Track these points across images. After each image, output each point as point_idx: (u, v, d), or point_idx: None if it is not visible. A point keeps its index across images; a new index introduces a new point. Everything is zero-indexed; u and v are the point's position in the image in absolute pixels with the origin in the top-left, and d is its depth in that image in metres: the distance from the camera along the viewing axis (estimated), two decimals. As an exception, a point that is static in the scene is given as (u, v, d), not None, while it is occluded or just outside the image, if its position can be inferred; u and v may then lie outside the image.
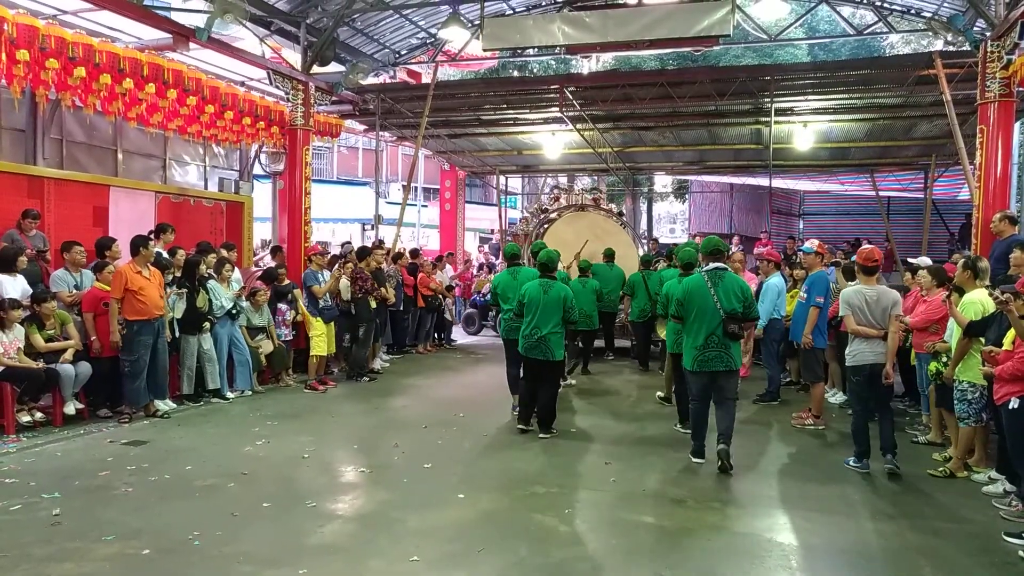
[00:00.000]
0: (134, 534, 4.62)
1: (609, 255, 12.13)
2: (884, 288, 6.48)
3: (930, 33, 11.47)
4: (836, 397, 9.10)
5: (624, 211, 16.87)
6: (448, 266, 15.17)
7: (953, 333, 6.36)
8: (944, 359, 6.54)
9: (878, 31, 13.32)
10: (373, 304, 10.52)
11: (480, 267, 18.77)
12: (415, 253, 12.60)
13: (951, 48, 11.17)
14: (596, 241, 12.39)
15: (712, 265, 6.50)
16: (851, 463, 6.39)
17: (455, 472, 6.08)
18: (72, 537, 4.56)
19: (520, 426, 7.47)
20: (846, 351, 6.49)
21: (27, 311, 7.34)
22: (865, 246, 6.93)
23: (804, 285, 8.16)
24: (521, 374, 7.77)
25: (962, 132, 10.47)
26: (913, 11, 12.10)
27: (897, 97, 12.65)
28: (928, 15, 11.83)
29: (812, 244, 8.39)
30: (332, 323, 10.19)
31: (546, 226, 14.05)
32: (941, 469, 6.21)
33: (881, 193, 17.85)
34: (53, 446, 6.67)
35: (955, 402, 6.19)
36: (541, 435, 7.30)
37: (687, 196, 25.20)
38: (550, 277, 7.47)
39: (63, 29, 8.76)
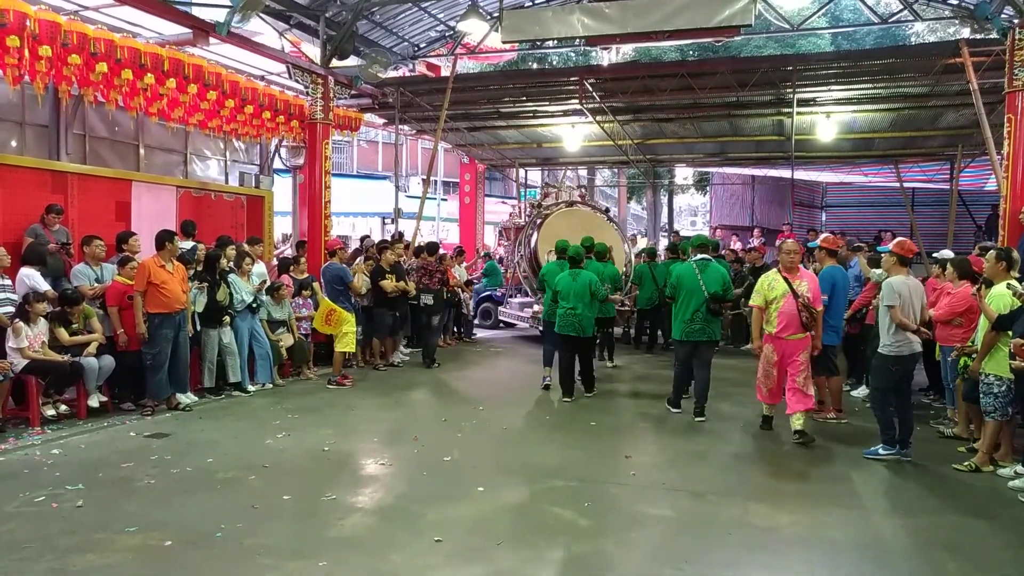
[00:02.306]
0: (156, 526, 4.65)
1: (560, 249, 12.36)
2: (916, 280, 6.58)
3: (956, 21, 11.28)
4: (859, 391, 8.99)
5: (644, 204, 16.89)
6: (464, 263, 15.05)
7: (980, 326, 6.26)
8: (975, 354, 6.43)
9: (903, 19, 13.11)
10: (444, 296, 11.38)
11: (500, 260, 18.70)
12: (433, 248, 12.53)
13: (978, 36, 10.98)
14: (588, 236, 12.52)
15: (699, 256, 7.95)
16: (880, 452, 6.38)
17: (474, 465, 6.08)
18: (95, 528, 4.61)
19: (566, 399, 8.62)
20: (889, 340, 6.33)
21: (50, 304, 7.41)
22: (900, 238, 7.01)
23: None
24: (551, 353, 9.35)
25: (989, 121, 10.29)
26: (939, -2, 11.91)
27: (923, 86, 12.46)
28: (955, 2, 11.63)
29: (819, 239, 8.26)
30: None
31: (540, 221, 14.10)
32: (967, 463, 6.12)
33: (906, 184, 17.60)
34: (77, 438, 6.74)
35: (981, 396, 6.10)
36: (587, 394, 8.80)
37: (708, 188, 25.03)
38: (578, 267, 8.76)
39: (85, 25, 8.82)
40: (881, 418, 6.44)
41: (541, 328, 13.02)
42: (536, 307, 14.20)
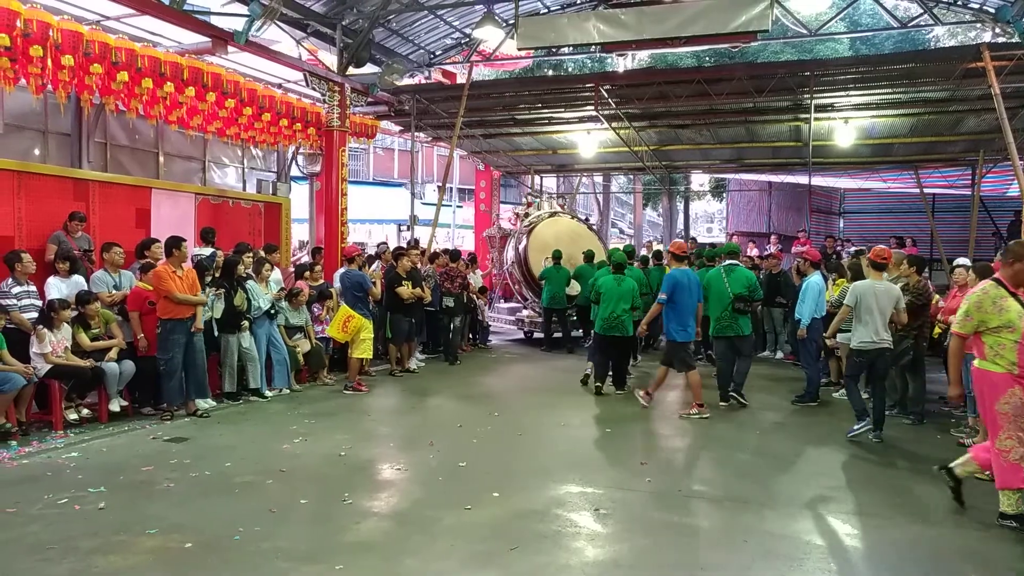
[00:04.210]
0: (176, 528, 4.70)
1: (589, 256, 13.45)
2: (890, 284, 7.31)
3: (978, 25, 11.19)
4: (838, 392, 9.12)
5: (660, 210, 16.94)
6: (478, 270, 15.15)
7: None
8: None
9: (923, 23, 13.02)
10: (464, 299, 12.03)
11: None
12: (455, 255, 12.80)
13: (1000, 40, 10.89)
14: (572, 244, 12.88)
15: (727, 262, 8.90)
16: (856, 428, 7.21)
17: (489, 471, 6.09)
18: (117, 530, 4.66)
19: (601, 390, 9.26)
20: (853, 336, 7.24)
21: (75, 311, 7.51)
22: (877, 246, 7.64)
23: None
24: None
25: (1012, 126, 10.20)
26: (960, 2, 11.81)
27: (943, 91, 12.35)
28: (975, 6, 11.55)
29: (665, 246, 8.70)
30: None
31: (529, 229, 14.52)
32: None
33: (926, 190, 17.44)
34: (99, 442, 6.82)
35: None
36: (617, 391, 9.36)
37: (724, 195, 24.94)
38: (621, 273, 9.42)
39: (106, 35, 8.98)
40: (853, 401, 7.32)
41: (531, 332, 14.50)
42: (525, 312, 14.53)
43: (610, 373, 9.61)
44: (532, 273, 14.04)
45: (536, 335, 14.70)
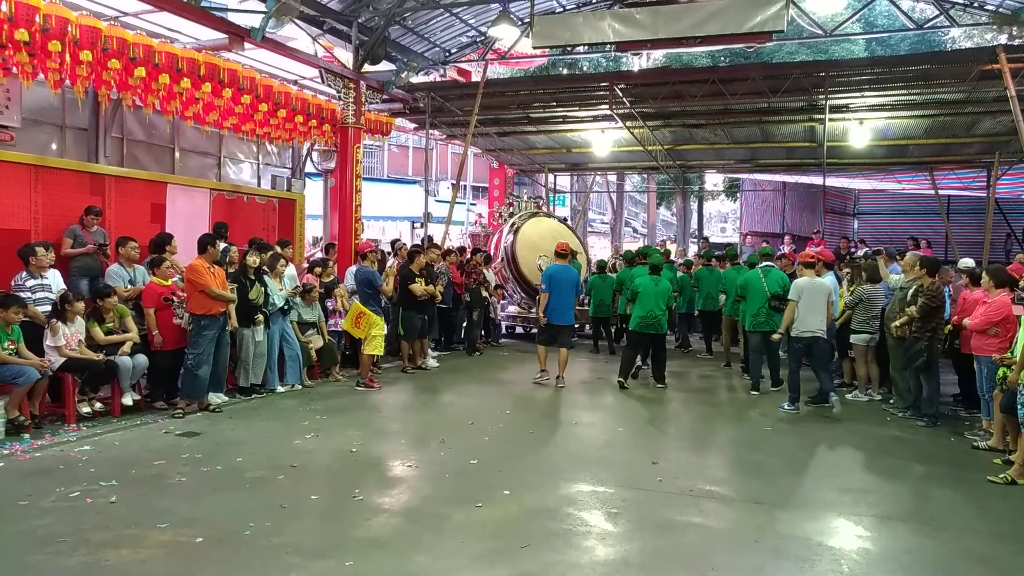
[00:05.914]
0: (187, 522, 4.72)
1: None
2: (820, 280, 8.72)
3: (994, 26, 11.09)
4: (853, 394, 9.29)
5: (674, 210, 16.90)
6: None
7: (1020, 336, 6.15)
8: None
9: (939, 25, 12.92)
10: (485, 293, 12.57)
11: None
12: (475, 251, 12.92)
13: (1016, 42, 10.80)
14: (554, 242, 13.10)
15: (764, 264, 9.88)
16: (786, 407, 8.38)
17: (500, 468, 6.09)
18: (128, 524, 4.68)
19: (620, 379, 9.72)
20: (793, 325, 8.48)
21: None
22: (809, 248, 9.19)
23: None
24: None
25: (1028, 129, 10.12)
26: (976, 4, 11.71)
27: (959, 93, 12.26)
28: (992, 8, 11.45)
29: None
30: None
31: (517, 227, 14.68)
32: (1002, 476, 6.01)
33: (941, 192, 17.32)
34: (111, 436, 6.86)
35: (1019, 407, 5.98)
36: (658, 386, 9.81)
37: (739, 195, 24.86)
38: (657, 274, 9.83)
39: (124, 30, 9.03)
40: (791, 383, 8.48)
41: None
42: (512, 308, 14.64)
43: (639, 365, 10.27)
44: (520, 270, 14.17)
45: (518, 330, 15.33)
